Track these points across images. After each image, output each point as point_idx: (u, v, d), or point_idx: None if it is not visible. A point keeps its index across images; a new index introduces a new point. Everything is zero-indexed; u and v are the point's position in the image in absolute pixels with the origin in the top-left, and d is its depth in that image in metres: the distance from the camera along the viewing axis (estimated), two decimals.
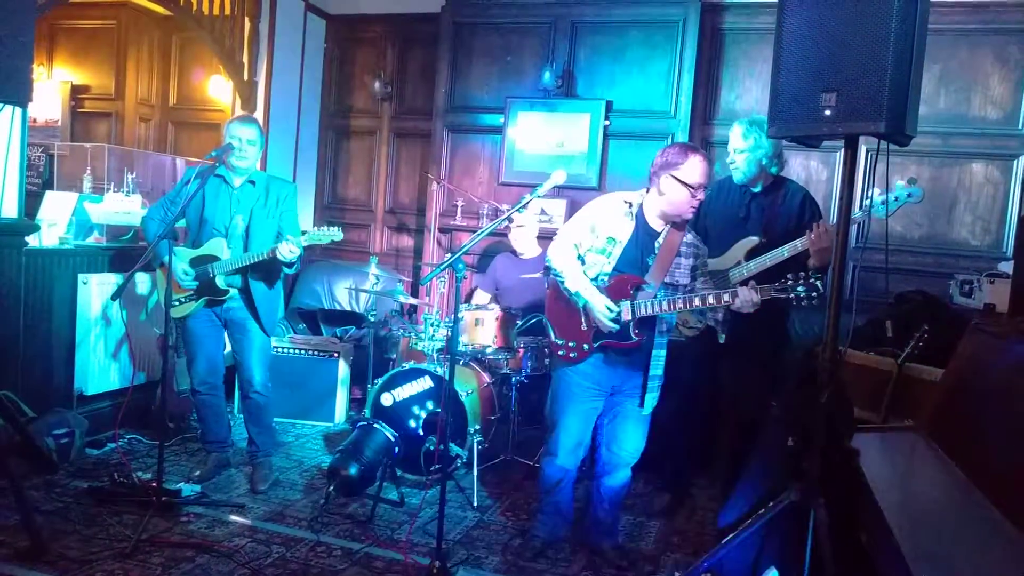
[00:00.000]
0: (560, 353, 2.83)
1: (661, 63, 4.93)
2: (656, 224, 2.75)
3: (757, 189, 3.28)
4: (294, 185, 3.63)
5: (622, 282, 2.70)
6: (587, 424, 2.88)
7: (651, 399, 2.80)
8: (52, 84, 6.81)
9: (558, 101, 5.08)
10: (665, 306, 2.62)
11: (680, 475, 3.61)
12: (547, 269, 2.88)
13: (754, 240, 3.19)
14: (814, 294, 2.41)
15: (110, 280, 3.96)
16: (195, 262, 3.37)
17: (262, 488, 3.50)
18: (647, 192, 2.77)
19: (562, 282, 2.77)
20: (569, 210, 4.90)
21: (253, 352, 3.52)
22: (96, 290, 3.91)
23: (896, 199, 3.03)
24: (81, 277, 3.88)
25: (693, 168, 2.63)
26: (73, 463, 3.56)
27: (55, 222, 3.95)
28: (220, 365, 3.60)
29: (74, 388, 3.89)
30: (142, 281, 3.44)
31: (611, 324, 2.66)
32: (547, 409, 2.96)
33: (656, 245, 2.73)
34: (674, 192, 2.66)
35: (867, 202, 3.06)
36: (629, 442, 2.88)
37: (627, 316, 2.66)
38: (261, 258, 3.29)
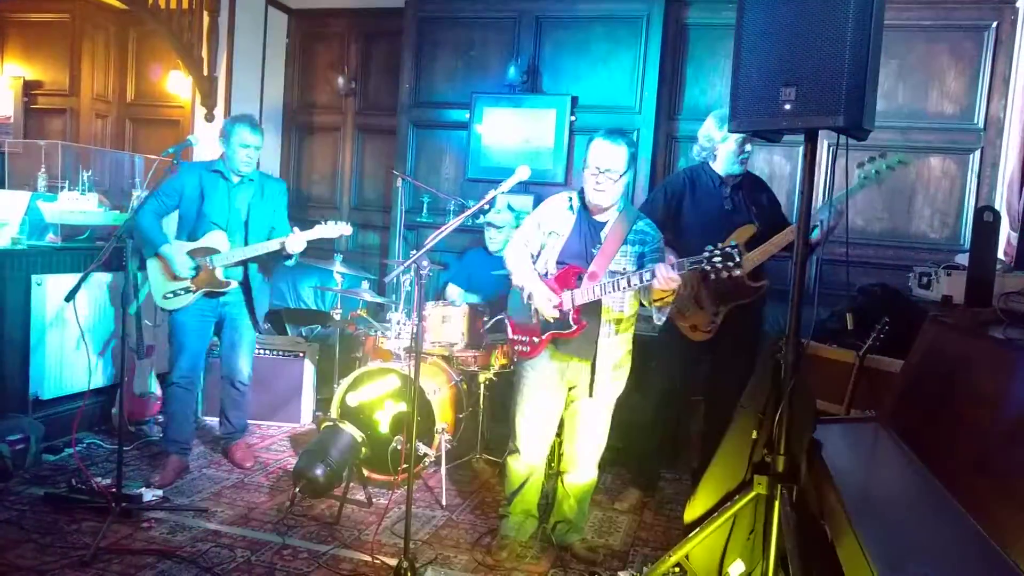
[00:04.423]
0: (517, 348, 2.91)
1: (626, 58, 4.95)
2: (600, 215, 2.79)
3: (733, 182, 3.30)
4: (284, 183, 3.82)
5: (567, 273, 2.77)
6: (548, 419, 2.90)
7: (606, 389, 2.82)
8: (3, 80, 6.61)
9: (524, 96, 5.06)
10: (598, 291, 2.67)
11: (649, 470, 3.63)
12: None
13: (752, 228, 3.22)
14: (731, 263, 2.44)
15: (65, 281, 3.85)
16: (193, 254, 3.44)
17: (248, 464, 3.70)
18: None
19: (513, 276, 2.87)
20: (536, 205, 4.89)
21: (244, 346, 3.66)
22: (51, 291, 3.80)
23: (882, 170, 3.02)
24: (35, 278, 3.77)
25: (591, 150, 2.76)
26: (29, 470, 3.46)
27: (7, 222, 3.83)
28: (202, 362, 3.68)
29: (29, 393, 3.77)
30: (152, 269, 3.46)
31: (551, 311, 2.72)
32: (511, 408, 2.97)
33: (602, 236, 2.78)
34: (584, 177, 2.77)
35: (859, 171, 3.05)
36: (588, 437, 2.90)
37: (567, 304, 2.71)
38: (267, 250, 3.42)
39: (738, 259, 2.43)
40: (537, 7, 5.10)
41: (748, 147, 3.23)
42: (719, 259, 2.44)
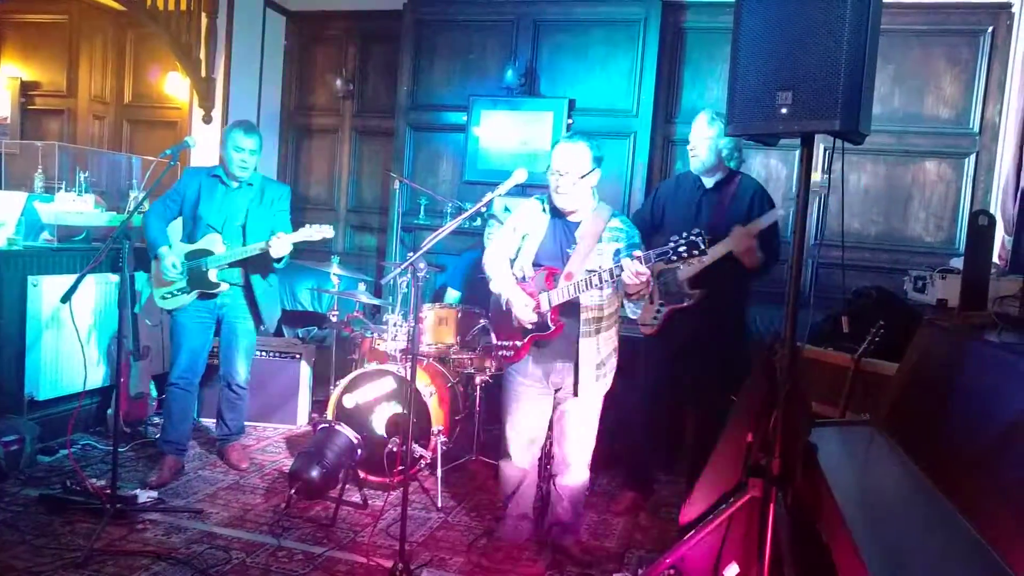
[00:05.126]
0: (501, 354, 2.91)
1: (623, 62, 4.96)
2: (573, 216, 2.81)
3: (710, 185, 3.28)
4: (288, 187, 3.80)
5: (543, 274, 2.77)
6: (536, 422, 2.91)
7: (591, 388, 2.81)
8: (0, 80, 6.60)
9: (521, 99, 5.07)
10: (573, 290, 2.68)
11: (644, 472, 3.63)
12: None
13: None
14: (696, 251, 2.44)
15: (62, 282, 3.84)
16: (190, 256, 3.48)
17: (244, 466, 3.71)
18: None
19: (491, 283, 2.87)
20: None
21: (240, 349, 3.66)
22: (47, 292, 3.79)
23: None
24: (31, 279, 3.76)
25: (552, 155, 2.76)
26: (23, 471, 3.45)
27: (3, 222, 3.82)
28: (201, 363, 3.67)
29: (24, 393, 3.76)
30: (154, 270, 3.57)
31: (528, 315, 2.73)
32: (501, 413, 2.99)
33: (577, 236, 2.78)
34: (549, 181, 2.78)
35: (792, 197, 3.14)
36: (576, 439, 2.91)
37: (544, 306, 2.72)
38: (253, 253, 3.41)
39: (703, 247, 2.43)
40: (535, 11, 5.11)
41: (692, 146, 3.25)
42: (684, 248, 2.44)
